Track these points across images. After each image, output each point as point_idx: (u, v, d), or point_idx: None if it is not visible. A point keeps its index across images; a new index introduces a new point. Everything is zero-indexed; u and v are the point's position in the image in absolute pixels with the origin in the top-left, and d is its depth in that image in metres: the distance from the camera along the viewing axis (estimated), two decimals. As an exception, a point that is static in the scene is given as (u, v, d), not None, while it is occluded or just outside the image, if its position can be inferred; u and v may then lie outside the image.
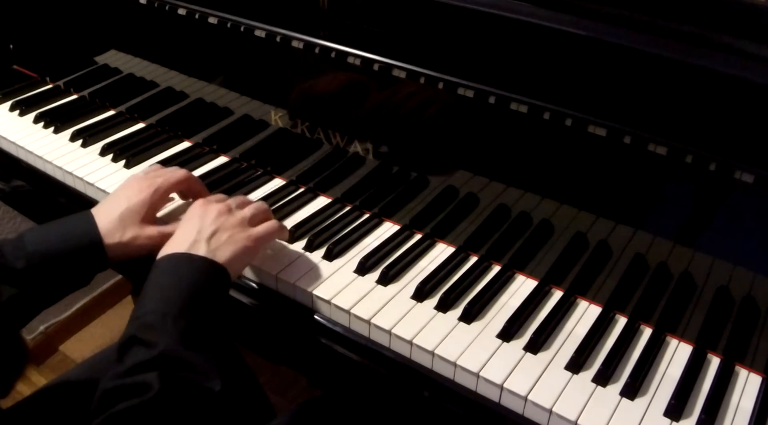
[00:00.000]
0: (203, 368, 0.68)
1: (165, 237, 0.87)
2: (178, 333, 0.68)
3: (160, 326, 0.68)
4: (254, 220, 0.84)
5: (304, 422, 0.96)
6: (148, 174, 0.91)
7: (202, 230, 0.79)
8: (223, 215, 0.81)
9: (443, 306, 0.83)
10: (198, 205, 0.84)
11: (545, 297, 0.87)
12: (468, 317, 0.81)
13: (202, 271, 0.75)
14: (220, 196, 0.89)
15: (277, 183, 1.06)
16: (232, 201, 0.86)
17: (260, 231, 0.83)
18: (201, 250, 0.77)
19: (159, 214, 0.91)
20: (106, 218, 0.83)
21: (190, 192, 0.95)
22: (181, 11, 1.01)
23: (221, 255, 0.77)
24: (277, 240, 0.91)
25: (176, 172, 0.91)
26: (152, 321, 0.69)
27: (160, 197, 0.88)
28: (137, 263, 0.85)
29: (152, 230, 0.85)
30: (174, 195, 0.95)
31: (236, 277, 0.79)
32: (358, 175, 0.98)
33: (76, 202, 1.06)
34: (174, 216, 0.94)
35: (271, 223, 0.86)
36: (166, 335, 0.67)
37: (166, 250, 0.78)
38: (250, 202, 0.88)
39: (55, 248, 0.79)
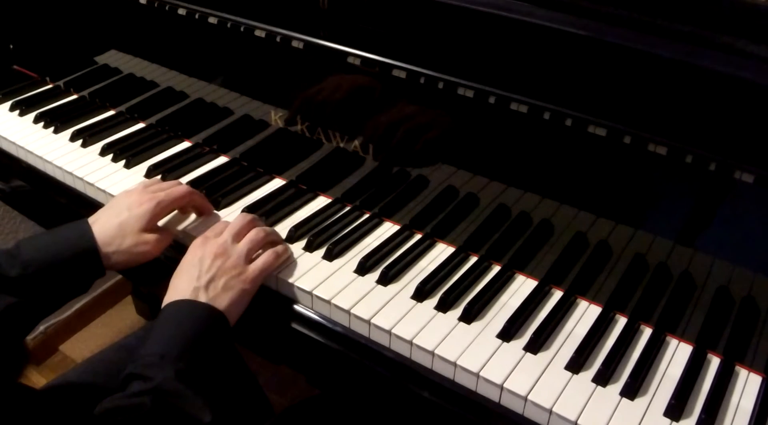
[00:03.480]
0: (195, 401, 0.70)
1: (164, 244, 0.87)
2: (174, 371, 0.70)
3: (158, 364, 0.71)
4: (251, 253, 0.85)
5: (303, 421, 0.97)
6: (149, 187, 0.91)
7: (200, 277, 0.80)
8: (219, 258, 0.82)
9: (443, 306, 0.83)
10: (196, 246, 0.84)
11: (545, 297, 0.87)
12: (468, 317, 0.81)
13: (203, 318, 0.77)
14: (218, 228, 0.88)
15: (277, 183, 1.06)
16: (228, 234, 0.85)
17: (256, 270, 0.84)
18: (201, 299, 0.78)
19: (160, 223, 0.92)
20: (105, 226, 0.84)
21: (191, 207, 0.95)
22: (181, 11, 1.01)
23: (220, 303, 0.79)
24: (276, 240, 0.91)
25: (178, 188, 0.92)
26: (150, 361, 0.71)
27: (162, 211, 0.89)
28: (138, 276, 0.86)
29: (151, 237, 0.86)
30: None
31: (236, 321, 0.81)
32: (358, 175, 0.98)
33: (76, 202, 1.06)
34: (173, 223, 0.95)
35: (267, 256, 0.86)
36: (162, 372, 0.70)
37: (172, 295, 0.79)
38: (247, 229, 0.87)
39: (49, 256, 0.80)
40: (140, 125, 1.20)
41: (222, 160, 1.11)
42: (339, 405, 0.98)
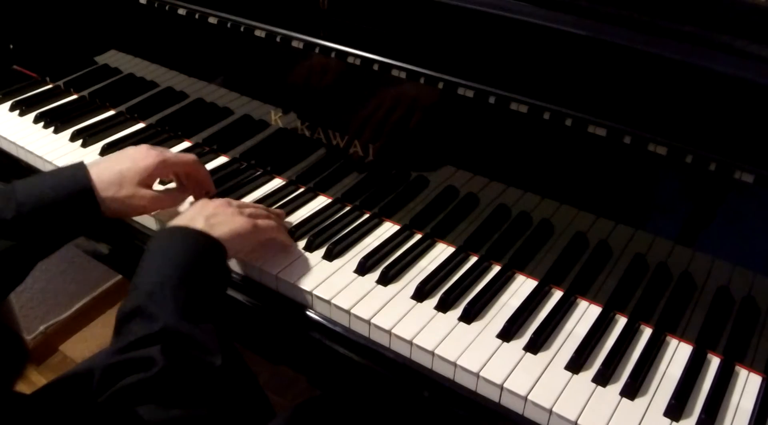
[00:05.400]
0: (204, 342, 0.67)
1: (159, 202, 0.87)
2: (178, 304, 0.67)
3: (159, 296, 0.68)
4: (254, 215, 0.86)
5: (303, 422, 0.96)
6: (158, 147, 0.91)
7: (201, 211, 0.80)
8: (223, 206, 0.83)
9: (443, 306, 0.83)
10: (199, 201, 0.86)
11: (545, 297, 0.87)
12: (468, 317, 0.81)
13: (199, 244, 0.75)
14: (223, 200, 0.89)
15: (277, 183, 1.06)
16: (234, 201, 0.88)
17: (258, 221, 0.84)
18: (198, 225, 0.77)
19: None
20: (105, 171, 0.83)
21: (194, 177, 0.95)
22: (181, 11, 1.01)
23: (218, 231, 0.78)
24: (277, 241, 0.91)
25: (186, 154, 0.93)
26: (151, 289, 0.68)
27: (165, 169, 0.88)
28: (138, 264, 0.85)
29: (148, 192, 0.86)
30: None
31: (233, 256, 0.80)
32: (358, 175, 0.98)
33: (76, 201, 1.06)
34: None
35: (269, 220, 0.87)
36: (166, 307, 0.67)
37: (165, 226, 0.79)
38: (252, 205, 0.89)
39: (45, 196, 0.78)
40: (140, 125, 1.20)
41: (222, 159, 1.11)
42: (340, 406, 0.98)
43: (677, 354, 0.80)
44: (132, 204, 0.84)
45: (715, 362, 0.79)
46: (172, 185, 0.96)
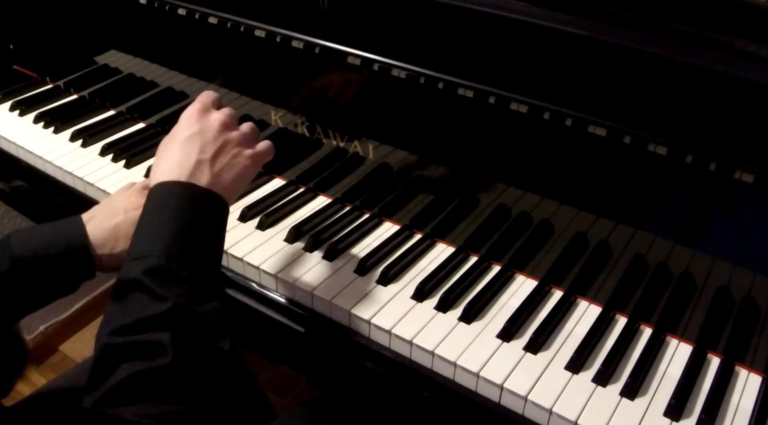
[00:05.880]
0: (213, 325, 0.63)
1: None
2: (185, 282, 0.63)
3: (166, 273, 0.63)
4: (252, 136, 0.78)
5: (304, 422, 0.96)
6: (147, 189, 0.89)
7: (204, 149, 0.71)
8: (226, 130, 0.73)
9: (443, 306, 0.83)
10: (195, 113, 0.74)
11: (545, 297, 0.87)
12: (468, 317, 0.81)
13: (206, 208, 0.69)
14: (212, 96, 0.77)
15: (277, 183, 1.06)
16: (228, 110, 0.76)
17: (258, 151, 0.76)
18: (204, 176, 0.70)
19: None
20: (99, 227, 0.80)
21: None
22: (181, 11, 1.01)
23: (223, 181, 0.71)
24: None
25: None
26: (158, 264, 0.63)
27: None
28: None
29: None
30: None
31: (232, 204, 0.74)
32: (358, 175, 0.98)
33: (77, 201, 1.06)
34: None
35: (266, 143, 0.78)
36: (174, 285, 0.62)
37: (165, 170, 0.70)
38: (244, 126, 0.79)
39: (41, 253, 0.75)
40: (140, 125, 1.20)
41: (222, 160, 1.11)
42: (340, 406, 0.98)
43: (677, 354, 0.80)
44: None
45: (715, 362, 0.79)
46: None
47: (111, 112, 1.23)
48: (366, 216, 0.98)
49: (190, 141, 0.71)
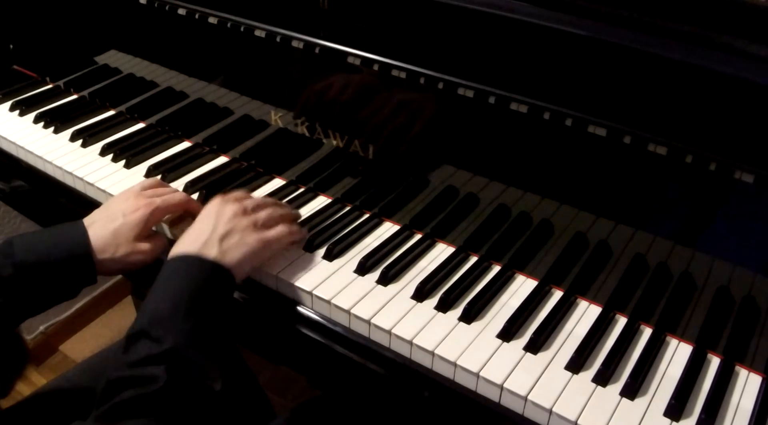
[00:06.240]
0: (206, 368, 0.69)
1: (158, 251, 0.86)
2: (185, 332, 0.70)
3: (168, 324, 0.70)
4: (268, 224, 0.85)
5: (304, 422, 0.97)
6: (146, 191, 0.90)
7: (216, 229, 0.80)
8: (238, 216, 0.82)
9: (443, 306, 0.83)
10: (216, 203, 0.84)
11: (545, 297, 0.87)
12: (468, 317, 0.81)
13: (211, 276, 0.76)
14: (239, 194, 0.89)
15: (277, 183, 1.06)
16: (250, 202, 0.86)
17: (270, 236, 0.84)
18: (212, 251, 0.77)
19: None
20: (99, 232, 0.82)
21: (188, 214, 0.94)
22: (181, 11, 1.01)
23: (230, 258, 0.78)
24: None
25: (175, 195, 0.91)
26: (161, 317, 0.70)
27: (157, 218, 0.88)
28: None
29: (145, 246, 0.85)
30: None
31: (241, 279, 0.80)
32: (358, 175, 0.98)
33: (76, 202, 1.06)
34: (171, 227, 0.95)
35: (281, 228, 0.86)
36: (173, 332, 0.69)
37: (180, 247, 0.78)
38: (267, 205, 0.88)
39: (44, 258, 0.78)
40: (140, 125, 1.20)
41: (222, 160, 1.11)
42: (340, 406, 0.98)
43: (677, 354, 0.80)
44: (131, 260, 0.84)
45: (715, 362, 0.79)
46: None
47: (111, 112, 1.23)
48: (366, 216, 0.98)
49: (205, 223, 0.81)
